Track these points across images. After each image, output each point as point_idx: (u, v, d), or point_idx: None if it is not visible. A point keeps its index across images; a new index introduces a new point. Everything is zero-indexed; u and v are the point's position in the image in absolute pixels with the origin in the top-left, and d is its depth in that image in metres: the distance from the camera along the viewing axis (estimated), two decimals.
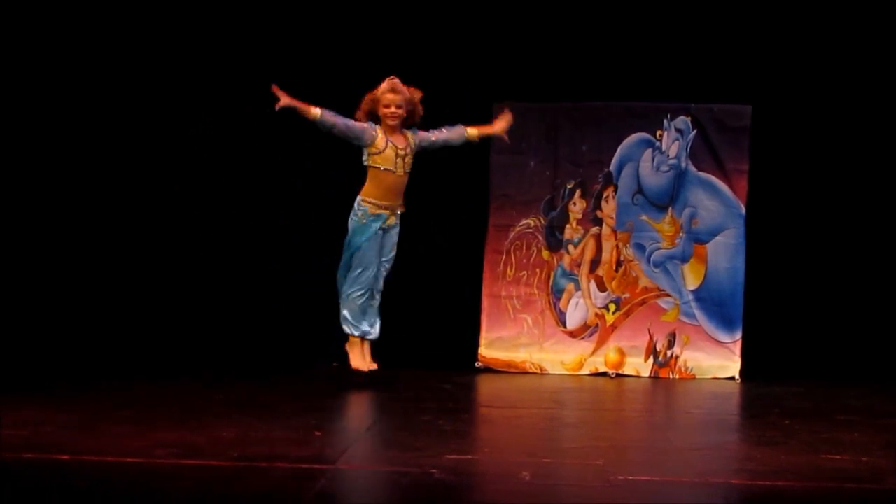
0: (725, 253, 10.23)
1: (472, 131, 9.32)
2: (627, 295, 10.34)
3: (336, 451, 6.54)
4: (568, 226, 10.42)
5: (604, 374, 10.25)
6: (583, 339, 10.36)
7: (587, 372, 10.31)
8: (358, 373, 9.10)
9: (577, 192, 10.42)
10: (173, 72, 10.80)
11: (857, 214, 10.68)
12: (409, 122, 9.12)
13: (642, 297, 10.31)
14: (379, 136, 8.96)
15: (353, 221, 9.05)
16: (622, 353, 10.27)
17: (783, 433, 7.40)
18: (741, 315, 10.19)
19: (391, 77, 9.05)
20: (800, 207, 10.62)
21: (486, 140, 10.22)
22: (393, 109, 8.96)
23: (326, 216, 10.04)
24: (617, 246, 10.36)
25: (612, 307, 10.34)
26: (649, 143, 10.30)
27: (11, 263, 10.62)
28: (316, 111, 8.77)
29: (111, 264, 10.75)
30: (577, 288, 10.39)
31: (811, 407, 8.59)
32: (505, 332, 10.39)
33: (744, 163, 10.21)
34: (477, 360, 10.36)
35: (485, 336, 10.41)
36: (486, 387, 9.72)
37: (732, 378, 10.11)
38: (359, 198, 9.06)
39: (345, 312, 9.14)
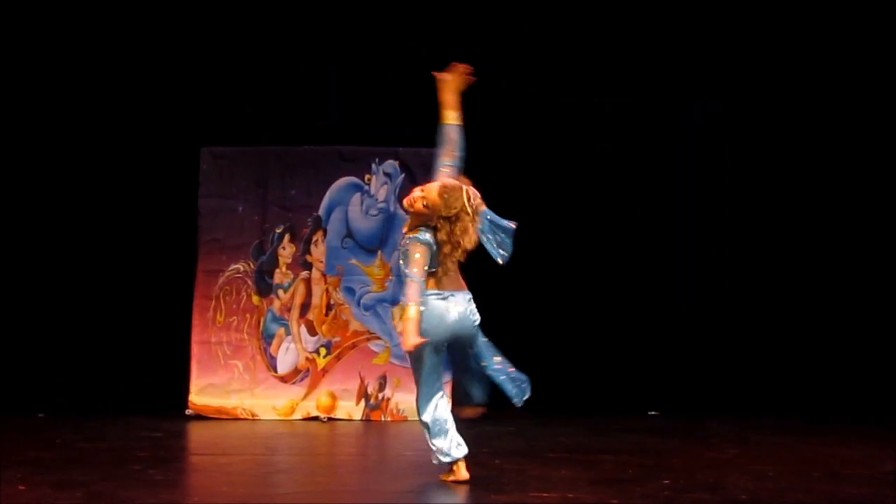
0: None
1: None
2: (338, 338, 10.36)
3: None
4: (278, 270, 10.38)
5: (316, 419, 10.23)
6: (294, 383, 10.33)
7: (299, 416, 10.27)
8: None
9: (287, 237, 10.40)
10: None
11: (560, 252, 10.98)
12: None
13: (353, 340, 10.34)
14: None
15: None
16: (334, 397, 10.28)
17: (494, 472, 7.50)
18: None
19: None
20: None
21: (194, 184, 10.22)
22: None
23: None
24: (327, 290, 10.37)
25: (323, 351, 10.34)
26: (358, 188, 10.36)
27: None
28: None
29: None
30: (288, 332, 10.36)
31: (522, 445, 8.74)
32: (216, 379, 10.28)
33: None
34: (188, 406, 10.22)
35: (195, 382, 10.28)
36: (198, 434, 9.59)
37: None
38: None
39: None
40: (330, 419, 10.22)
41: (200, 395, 10.28)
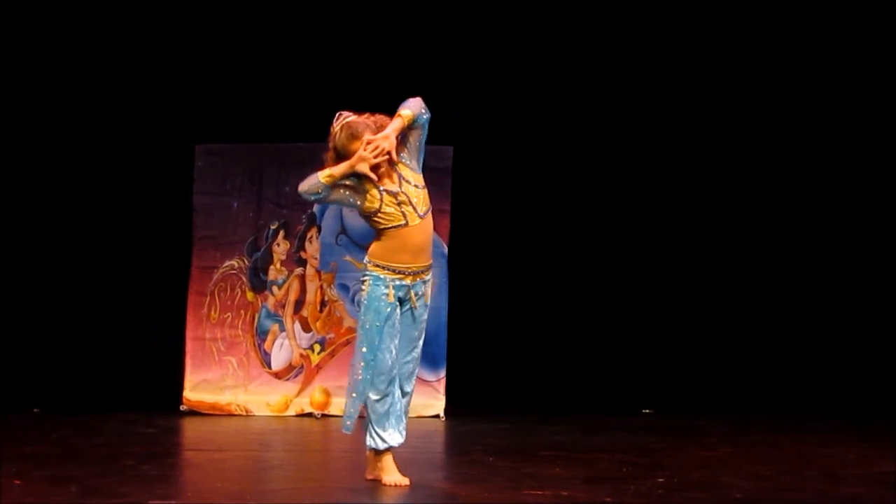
0: None
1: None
2: (332, 335, 10.37)
3: (37, 501, 6.34)
4: (272, 267, 10.39)
5: (309, 415, 10.24)
6: (288, 379, 10.34)
7: (293, 413, 10.28)
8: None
9: (281, 233, 10.40)
10: None
11: (555, 252, 10.98)
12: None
13: (347, 336, 10.34)
14: (370, 190, 6.99)
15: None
16: (328, 394, 10.28)
17: (487, 470, 7.50)
18: (445, 353, 10.32)
19: (338, 114, 7.18)
20: (500, 245, 10.86)
21: (188, 181, 10.22)
22: None
23: None
24: (321, 286, 10.38)
25: (317, 347, 10.35)
26: None
27: None
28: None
29: None
30: (282, 329, 10.36)
31: (516, 443, 8.74)
32: (210, 375, 10.29)
33: (446, 203, 10.35)
34: (182, 402, 10.22)
35: (189, 378, 10.29)
36: (192, 430, 9.59)
37: (437, 416, 10.23)
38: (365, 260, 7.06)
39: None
40: (324, 415, 10.23)
41: (194, 391, 10.28)
